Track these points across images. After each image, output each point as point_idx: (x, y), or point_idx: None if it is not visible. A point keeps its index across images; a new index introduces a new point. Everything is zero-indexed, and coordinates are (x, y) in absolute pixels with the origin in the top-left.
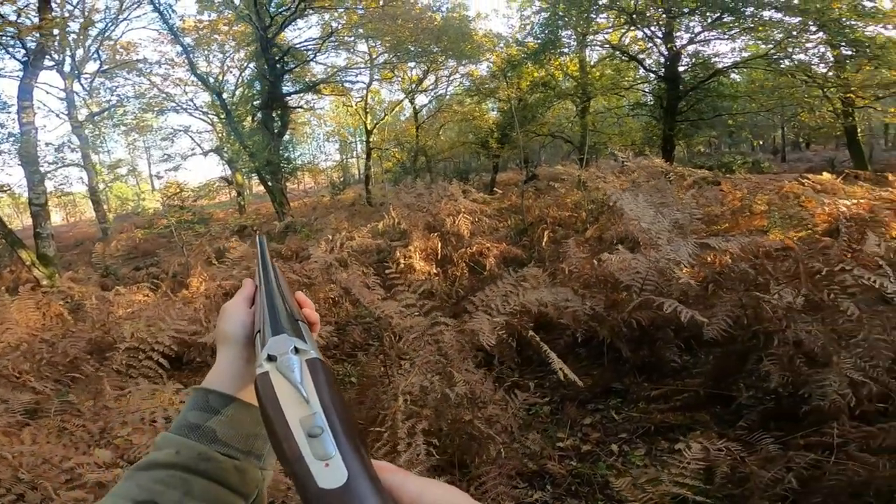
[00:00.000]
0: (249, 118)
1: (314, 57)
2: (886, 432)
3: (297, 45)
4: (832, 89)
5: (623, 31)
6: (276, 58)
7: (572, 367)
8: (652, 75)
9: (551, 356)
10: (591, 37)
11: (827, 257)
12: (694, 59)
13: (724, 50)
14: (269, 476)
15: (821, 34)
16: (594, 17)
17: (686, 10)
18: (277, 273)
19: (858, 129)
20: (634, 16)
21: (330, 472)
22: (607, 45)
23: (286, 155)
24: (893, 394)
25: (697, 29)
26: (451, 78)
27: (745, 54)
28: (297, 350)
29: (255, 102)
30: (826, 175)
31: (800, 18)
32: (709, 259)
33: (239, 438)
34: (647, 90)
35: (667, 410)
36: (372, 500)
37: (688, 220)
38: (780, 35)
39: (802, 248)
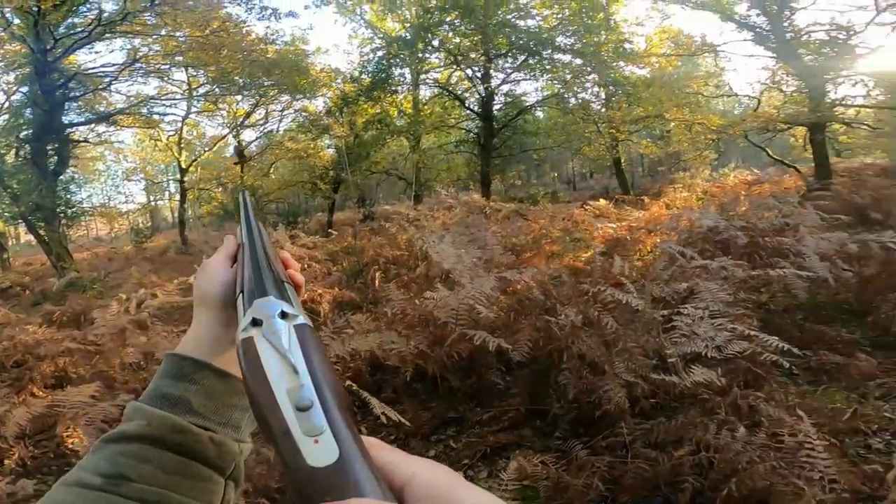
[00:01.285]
0: (13, 152)
1: (110, 84)
2: (660, 426)
3: (91, 71)
4: (603, 125)
5: (451, 70)
6: (59, 83)
7: (411, 403)
8: (472, 113)
9: (371, 401)
10: (424, 75)
11: (592, 279)
12: (506, 98)
13: (530, 90)
14: (248, 449)
15: (594, 75)
16: (428, 56)
17: (502, 52)
18: (262, 231)
19: (622, 160)
20: (459, 57)
21: (320, 448)
22: (437, 85)
23: (66, 197)
24: (660, 389)
25: (509, 70)
26: (284, 113)
27: (544, 94)
28: (284, 314)
29: (21, 134)
30: (602, 201)
31: (581, 61)
32: (510, 290)
33: (215, 409)
34: (468, 128)
35: (498, 431)
36: (364, 479)
37: (493, 254)
38: (569, 76)
39: (570, 274)
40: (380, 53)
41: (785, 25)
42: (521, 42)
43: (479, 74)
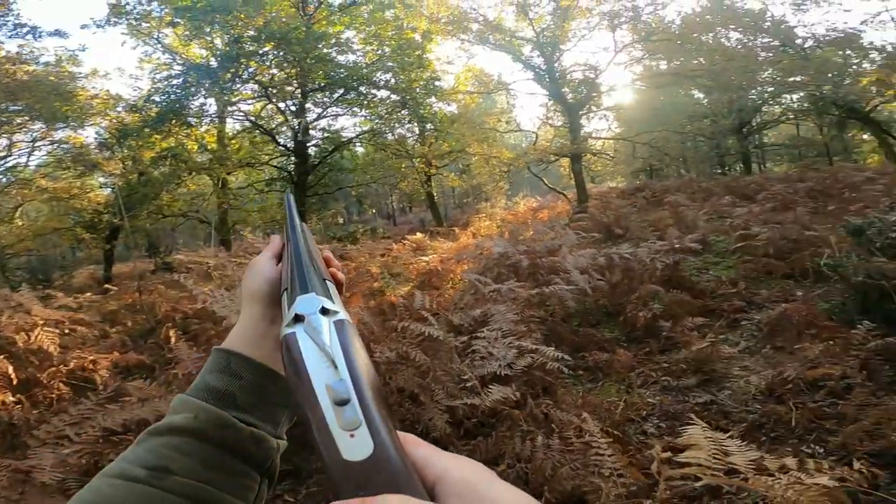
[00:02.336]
0: None
1: None
2: (481, 445)
3: None
4: (417, 160)
5: (263, 103)
6: None
7: None
8: (285, 149)
9: None
10: (232, 107)
11: (401, 315)
12: (323, 134)
13: (349, 125)
14: (283, 446)
15: (409, 111)
16: (238, 86)
17: (318, 85)
18: (305, 230)
19: (435, 193)
20: (270, 90)
21: (355, 443)
22: (245, 118)
23: None
24: (478, 408)
25: (326, 104)
26: (37, 144)
27: (362, 129)
28: (325, 310)
29: None
30: (419, 235)
31: (399, 97)
32: None
33: (257, 405)
34: (281, 165)
35: None
36: (398, 474)
37: None
38: (385, 112)
39: (382, 311)
40: (176, 81)
41: (555, 66)
42: (339, 77)
43: (292, 108)
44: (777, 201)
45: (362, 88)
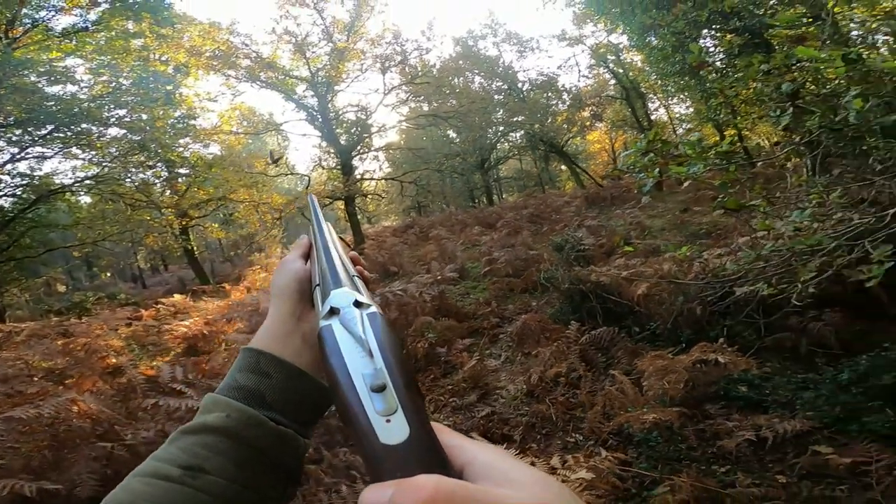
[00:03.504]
0: None
1: None
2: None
3: None
4: (166, 210)
5: None
6: None
7: None
8: None
9: None
10: None
11: (143, 392)
12: (21, 180)
13: (64, 168)
14: (309, 445)
15: (153, 153)
16: None
17: (12, 120)
18: (332, 231)
19: (195, 247)
20: None
21: (392, 427)
22: None
23: None
24: None
25: (25, 144)
26: None
27: (84, 174)
28: (358, 303)
29: None
30: (178, 296)
31: (139, 137)
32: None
33: (285, 404)
34: None
35: None
36: (433, 457)
37: None
38: (117, 152)
39: (118, 391)
40: None
41: (329, 106)
42: (51, 110)
43: None
44: (510, 227)
45: (85, 125)
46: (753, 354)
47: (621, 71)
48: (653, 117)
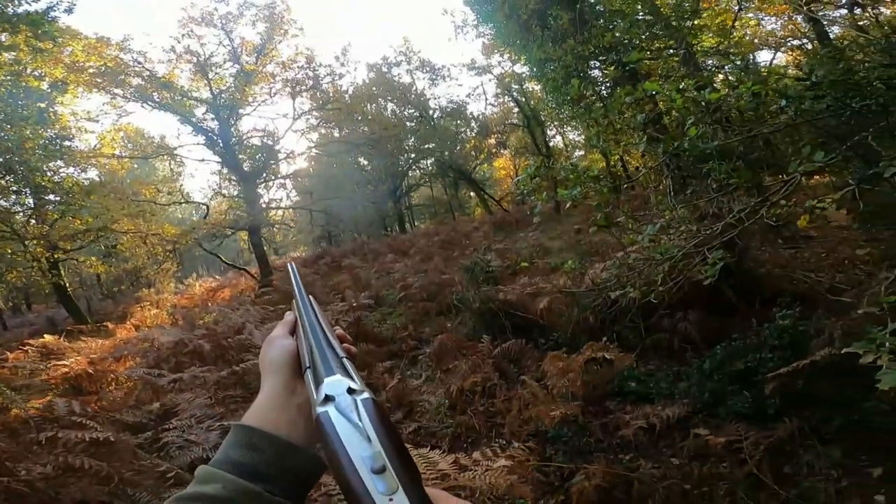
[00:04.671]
0: None
1: None
2: None
3: None
4: (32, 242)
5: None
6: None
7: None
8: None
9: None
10: None
11: (37, 426)
12: None
13: None
14: None
15: (17, 177)
16: None
17: None
18: (314, 305)
19: (69, 283)
20: None
21: None
22: None
23: None
24: None
25: None
26: None
27: None
28: (351, 390)
29: None
30: (49, 337)
31: (2, 158)
32: None
33: (279, 476)
34: None
35: None
36: None
37: None
38: None
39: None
40: None
41: (232, 131)
42: None
43: None
44: (423, 254)
45: None
46: (638, 354)
47: (523, 99)
48: (551, 144)
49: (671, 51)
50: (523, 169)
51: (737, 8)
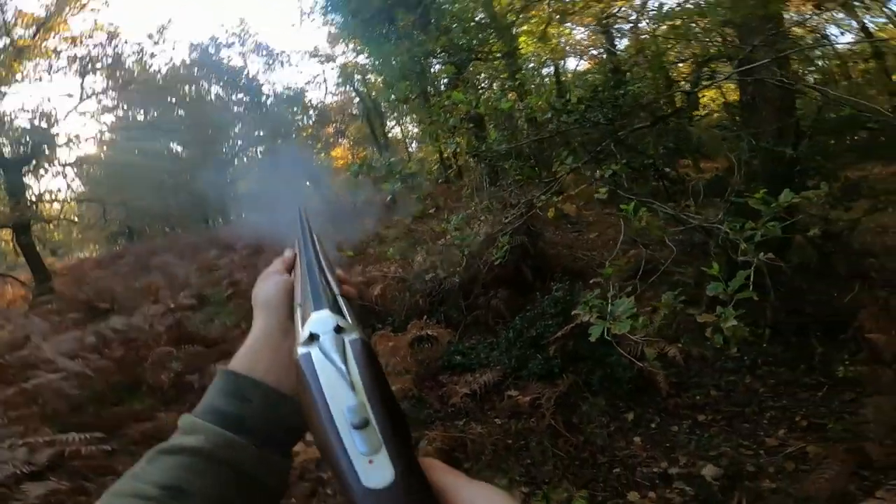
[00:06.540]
0: None
1: None
2: None
3: None
4: None
5: None
6: None
7: None
8: None
9: None
10: None
11: None
12: None
13: None
14: (289, 466)
15: None
16: None
17: None
18: (321, 244)
19: None
20: None
21: (375, 469)
22: None
23: None
24: None
25: None
26: None
27: None
28: (339, 329)
29: None
30: None
31: None
32: None
33: (266, 427)
34: None
35: None
36: (420, 501)
37: None
38: None
39: None
40: None
41: None
42: None
43: None
44: (252, 247)
45: None
46: (462, 330)
47: (364, 90)
48: (389, 135)
49: (499, 54)
50: (348, 166)
51: (557, 17)
